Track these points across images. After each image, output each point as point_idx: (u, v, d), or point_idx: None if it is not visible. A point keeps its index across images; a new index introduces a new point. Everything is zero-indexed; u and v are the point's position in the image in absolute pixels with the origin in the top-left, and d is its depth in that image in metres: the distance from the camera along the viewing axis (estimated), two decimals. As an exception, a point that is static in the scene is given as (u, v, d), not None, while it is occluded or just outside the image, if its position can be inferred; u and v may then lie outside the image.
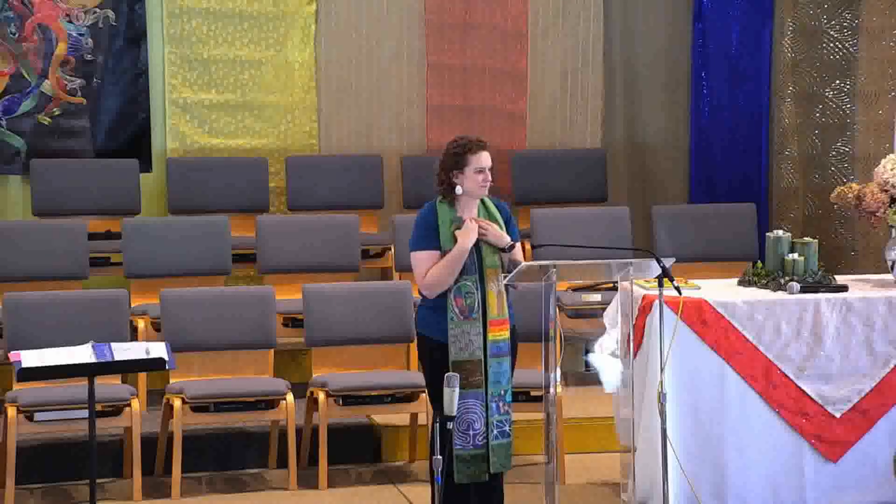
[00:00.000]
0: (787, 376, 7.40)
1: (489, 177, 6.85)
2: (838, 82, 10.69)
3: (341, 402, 8.10)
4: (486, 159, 6.84)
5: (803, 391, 7.42)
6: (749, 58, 11.04)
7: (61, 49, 10.13)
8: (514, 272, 6.74)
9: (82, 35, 10.16)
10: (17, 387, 7.80)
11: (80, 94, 10.19)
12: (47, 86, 10.13)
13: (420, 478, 8.16)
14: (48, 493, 8.02)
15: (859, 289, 7.65)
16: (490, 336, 6.79)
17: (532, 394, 7.89)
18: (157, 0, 10.33)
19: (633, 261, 6.97)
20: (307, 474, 8.17)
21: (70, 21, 10.14)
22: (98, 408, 6.92)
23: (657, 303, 6.96)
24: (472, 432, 6.79)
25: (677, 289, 6.98)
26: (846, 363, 7.46)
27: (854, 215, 8.05)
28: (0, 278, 9.03)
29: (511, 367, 6.92)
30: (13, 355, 6.63)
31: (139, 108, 10.30)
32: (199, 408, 7.98)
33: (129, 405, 7.84)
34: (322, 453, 8.09)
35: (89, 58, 10.19)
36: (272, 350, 8.46)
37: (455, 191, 6.82)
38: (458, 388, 6.03)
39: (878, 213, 7.74)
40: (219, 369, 8.31)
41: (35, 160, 9.98)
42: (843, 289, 7.54)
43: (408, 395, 8.14)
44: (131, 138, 10.31)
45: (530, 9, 10.92)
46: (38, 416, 7.74)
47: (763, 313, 7.38)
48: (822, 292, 7.48)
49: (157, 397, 8.40)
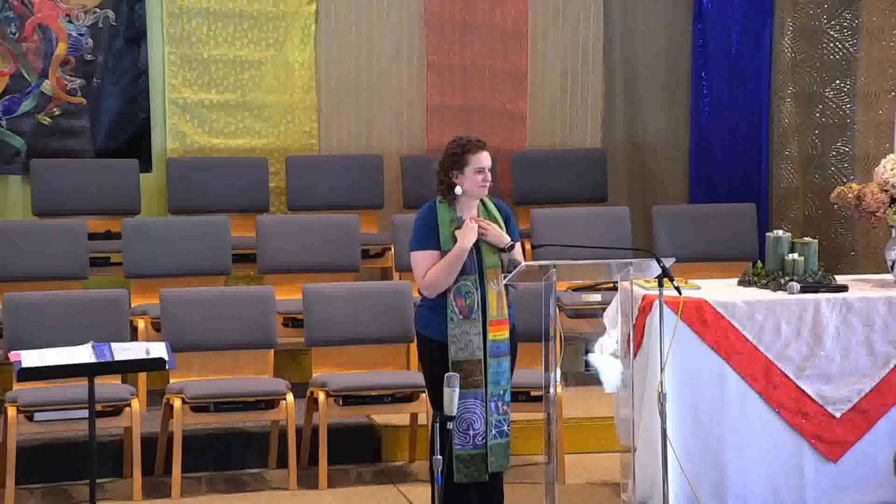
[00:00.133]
0: (787, 376, 7.40)
1: (489, 177, 6.85)
2: (838, 82, 10.68)
3: (341, 402, 8.09)
4: (485, 159, 6.83)
5: (803, 391, 7.41)
6: (749, 58, 11.04)
7: (61, 49, 10.13)
8: (513, 272, 6.73)
9: (82, 35, 10.16)
10: (17, 387, 7.79)
11: (80, 94, 10.19)
12: (47, 86, 10.13)
13: (420, 478, 8.16)
14: (48, 493, 8.02)
15: (859, 289, 7.65)
16: (490, 336, 6.79)
17: (532, 394, 7.89)
18: (157, 0, 10.33)
19: (633, 261, 6.96)
20: (307, 474, 8.17)
21: (70, 21, 10.14)
22: (98, 408, 6.92)
23: (657, 303, 6.96)
24: (471, 432, 6.78)
25: (677, 289, 6.98)
26: (846, 363, 7.46)
27: (854, 215, 8.04)
28: (0, 278, 9.03)
29: (511, 367, 6.92)
30: (13, 355, 6.62)
31: (139, 108, 10.30)
32: (199, 408, 7.98)
33: (129, 405, 7.83)
34: (322, 453, 8.09)
35: (89, 58, 10.19)
36: (272, 350, 8.46)
37: (455, 191, 6.82)
38: (458, 388, 6.04)
39: (878, 213, 7.73)
40: (219, 369, 8.31)
41: (35, 160, 9.98)
42: (843, 289, 7.54)
43: (408, 395, 8.14)
44: (131, 138, 10.31)
45: (530, 9, 10.92)
46: (38, 416, 7.74)
47: (763, 313, 7.38)
48: (822, 292, 7.48)
49: (157, 397, 8.40)
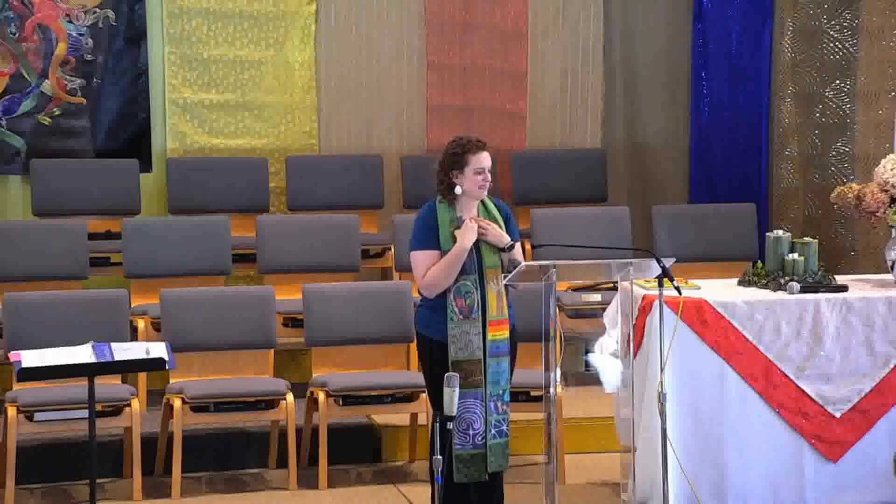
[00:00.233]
0: (787, 376, 7.40)
1: (488, 177, 6.84)
2: (838, 82, 10.68)
3: (341, 402, 8.09)
4: (485, 160, 6.83)
5: (803, 391, 7.41)
6: (749, 58, 11.04)
7: (61, 49, 10.13)
8: (513, 272, 6.73)
9: (82, 35, 10.16)
10: (17, 387, 7.79)
11: (80, 94, 10.19)
12: (47, 86, 10.13)
13: (420, 478, 8.16)
14: (48, 493, 8.02)
15: (859, 289, 7.65)
16: (489, 336, 6.79)
17: (532, 394, 7.89)
18: (157, 0, 10.33)
19: (633, 261, 6.96)
20: (307, 474, 8.17)
21: (70, 21, 10.14)
22: (98, 408, 6.92)
23: (657, 303, 6.96)
24: (471, 432, 6.78)
25: (677, 289, 6.98)
26: (846, 363, 7.45)
27: (854, 215, 8.04)
28: (0, 278, 9.03)
29: (511, 367, 6.92)
30: (13, 355, 6.62)
31: (139, 108, 10.30)
32: (199, 408, 7.98)
33: (129, 405, 7.83)
34: (322, 453, 8.08)
35: (89, 58, 10.19)
36: (272, 350, 8.46)
37: (454, 191, 6.82)
38: (458, 388, 6.04)
39: (878, 213, 7.73)
40: (219, 369, 8.31)
41: (35, 160, 9.98)
42: (843, 289, 7.54)
43: (408, 395, 8.14)
44: (131, 138, 10.30)
45: (530, 9, 10.91)
46: (38, 416, 7.74)
47: (763, 313, 7.38)
48: (822, 292, 7.48)
49: (157, 397, 8.40)
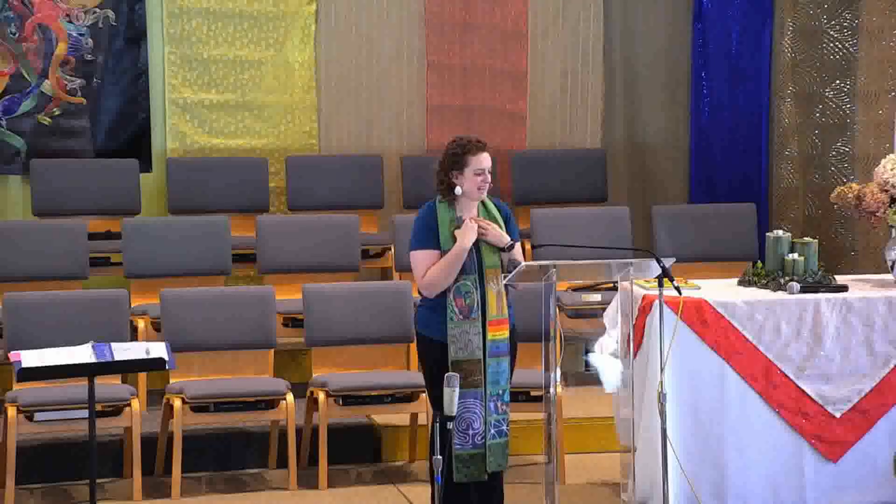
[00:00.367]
0: (787, 376, 7.40)
1: (488, 178, 6.83)
2: (838, 82, 10.68)
3: (341, 402, 8.09)
4: (485, 160, 6.82)
5: (803, 391, 7.41)
6: (749, 58, 11.04)
7: (61, 49, 10.13)
8: (513, 272, 6.73)
9: (82, 35, 10.16)
10: (17, 387, 7.79)
11: (80, 94, 10.19)
12: (47, 86, 10.13)
13: (420, 478, 8.16)
14: (48, 493, 8.02)
15: (859, 289, 7.65)
16: (489, 336, 6.78)
17: (532, 394, 7.89)
18: (157, 0, 10.33)
19: (633, 261, 6.96)
20: (307, 474, 8.17)
21: (70, 21, 10.14)
22: (98, 408, 6.92)
23: (657, 303, 6.96)
24: (471, 432, 6.78)
25: (677, 289, 6.98)
26: (846, 363, 7.45)
27: (854, 215, 8.04)
28: (0, 278, 9.03)
29: (511, 367, 6.92)
30: (13, 355, 6.62)
31: (139, 108, 10.30)
32: (199, 408, 7.98)
33: (129, 405, 7.83)
34: (322, 453, 8.08)
35: (89, 58, 10.19)
36: (272, 350, 8.46)
37: (454, 191, 6.81)
38: (458, 388, 6.04)
39: (878, 213, 7.73)
40: (219, 369, 8.31)
41: (35, 160, 9.98)
42: (843, 289, 7.54)
43: (408, 395, 8.14)
44: (131, 138, 10.30)
45: (530, 9, 10.92)
46: (38, 416, 7.74)
47: (763, 313, 7.38)
48: (822, 292, 7.48)
49: (157, 397, 8.40)
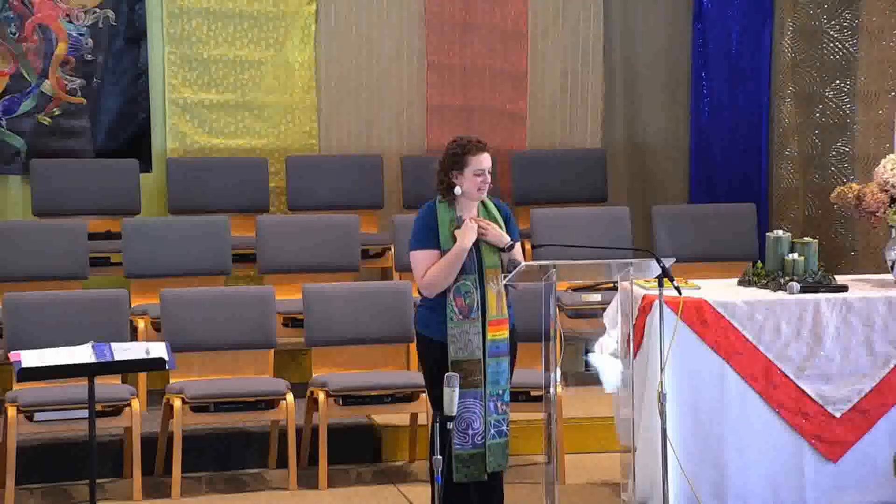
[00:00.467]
0: (787, 376, 7.40)
1: (488, 179, 6.82)
2: (838, 82, 10.68)
3: (341, 402, 8.09)
4: (485, 161, 6.81)
5: (803, 391, 7.41)
6: (749, 58, 11.04)
7: (61, 49, 10.13)
8: (513, 272, 6.72)
9: (82, 35, 10.16)
10: (17, 387, 7.79)
11: (80, 94, 10.19)
12: (47, 86, 10.13)
13: (420, 478, 8.16)
14: (48, 493, 8.02)
15: (859, 289, 7.65)
16: (489, 336, 6.78)
17: (532, 394, 7.89)
18: (157, 0, 10.33)
19: (633, 261, 6.96)
20: (307, 474, 8.17)
21: (70, 21, 10.14)
22: (98, 408, 6.92)
23: (657, 303, 6.96)
24: (470, 432, 6.78)
25: (677, 289, 6.98)
26: (846, 363, 7.45)
27: (854, 215, 8.04)
28: (0, 278, 9.03)
29: (510, 367, 6.92)
30: (13, 355, 6.62)
31: (139, 108, 10.30)
32: (199, 408, 7.98)
33: (129, 405, 7.83)
34: (322, 453, 8.08)
35: (89, 58, 10.19)
36: (272, 350, 8.46)
37: (454, 191, 6.81)
38: (458, 388, 6.03)
39: (878, 213, 7.73)
40: (219, 369, 8.31)
41: (35, 160, 9.98)
42: (843, 289, 7.54)
43: (408, 395, 8.14)
44: (131, 138, 10.30)
45: (530, 9, 10.91)
46: (38, 416, 7.74)
47: (763, 313, 7.38)
48: (822, 292, 7.48)
49: (157, 397, 8.40)
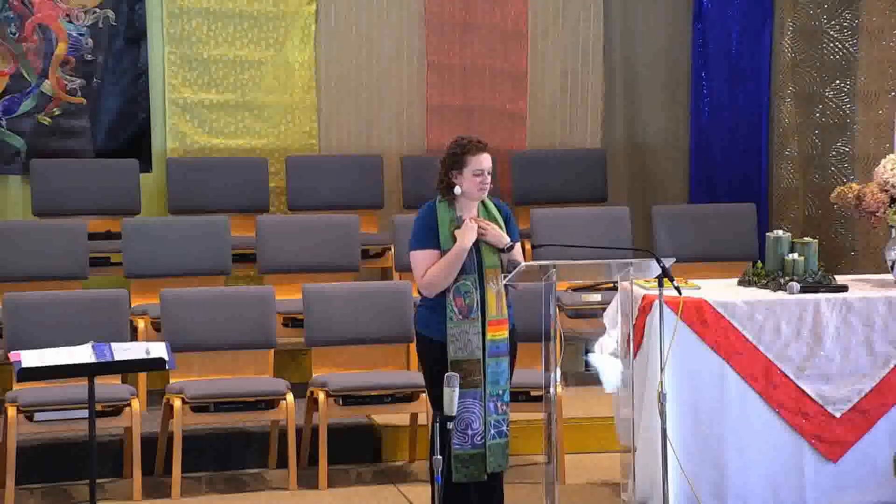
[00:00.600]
0: (787, 376, 7.40)
1: (487, 180, 6.81)
2: (838, 82, 10.68)
3: (341, 402, 8.09)
4: (485, 161, 6.80)
5: (803, 391, 7.41)
6: (749, 58, 11.04)
7: (61, 49, 10.13)
8: (513, 272, 6.73)
9: (82, 35, 10.16)
10: (17, 387, 7.79)
11: (80, 94, 10.19)
12: (47, 86, 10.13)
13: (420, 478, 8.16)
14: (48, 493, 8.02)
15: (859, 289, 7.65)
16: (489, 336, 6.78)
17: (532, 394, 7.89)
18: (157, 0, 10.33)
19: (633, 261, 6.96)
20: (307, 474, 8.17)
21: (70, 21, 10.14)
22: (98, 408, 6.92)
23: (657, 303, 6.96)
24: (470, 432, 6.78)
25: (677, 289, 6.98)
26: (846, 363, 7.45)
27: (854, 215, 8.04)
28: (0, 278, 9.03)
29: (510, 368, 6.92)
30: (13, 355, 6.62)
31: (139, 108, 10.30)
32: (199, 408, 7.98)
33: (129, 405, 7.83)
34: (322, 453, 8.08)
35: (89, 58, 10.19)
36: (272, 350, 8.46)
37: (454, 191, 6.81)
38: (458, 388, 6.03)
39: (878, 213, 7.73)
40: (219, 369, 8.31)
41: (35, 160, 9.98)
42: (843, 289, 7.54)
43: (408, 395, 8.14)
44: (131, 138, 10.30)
45: (530, 9, 10.91)
46: (38, 416, 7.74)
47: (763, 313, 7.38)
48: (822, 292, 7.48)
49: (157, 397, 8.40)
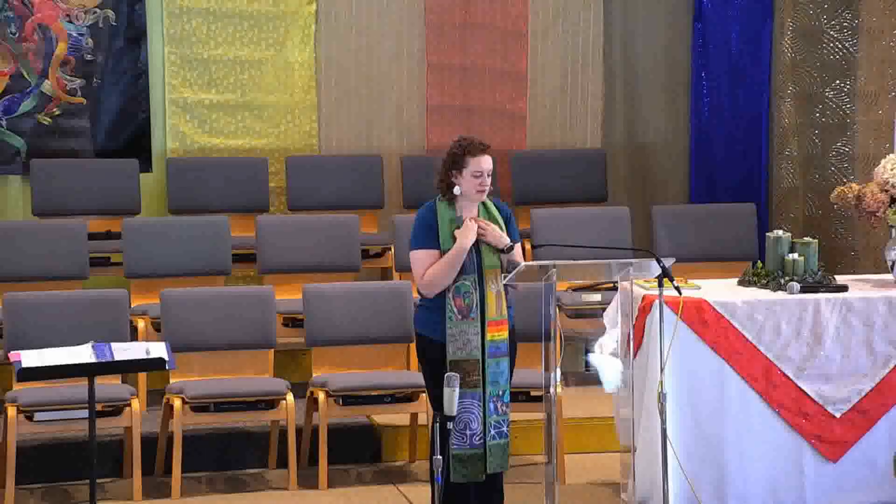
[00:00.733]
0: (787, 376, 7.40)
1: (487, 181, 6.80)
2: (838, 82, 10.68)
3: (341, 402, 8.09)
4: (485, 163, 6.79)
5: (803, 391, 7.41)
6: (749, 58, 11.04)
7: (61, 49, 10.13)
8: (512, 272, 6.73)
9: (82, 35, 10.16)
10: (17, 387, 7.79)
11: (80, 94, 10.19)
12: (47, 86, 10.13)
13: (420, 478, 8.16)
14: (48, 493, 8.02)
15: (859, 289, 7.65)
16: (489, 336, 6.78)
17: (532, 394, 7.89)
18: (157, 0, 10.33)
19: (633, 261, 6.96)
20: (307, 474, 8.17)
21: (70, 21, 10.14)
22: (98, 408, 6.92)
23: (657, 303, 6.96)
24: (468, 432, 6.78)
25: (677, 289, 6.98)
26: (846, 363, 7.46)
27: (854, 215, 8.05)
28: (0, 278, 9.03)
29: (510, 368, 6.92)
30: (13, 355, 6.62)
31: (139, 108, 10.30)
32: (199, 408, 7.98)
33: (129, 405, 7.83)
34: (322, 453, 8.09)
35: (89, 58, 10.19)
36: (272, 350, 8.46)
37: (454, 191, 6.81)
38: (458, 388, 6.03)
39: (878, 213, 7.73)
40: (219, 369, 8.31)
41: (35, 160, 9.98)
42: (843, 289, 7.54)
43: (408, 395, 8.14)
44: (131, 138, 10.30)
45: (530, 9, 10.91)
46: (38, 416, 7.74)
47: (763, 313, 7.38)
48: (822, 292, 7.48)
49: (157, 397, 8.40)
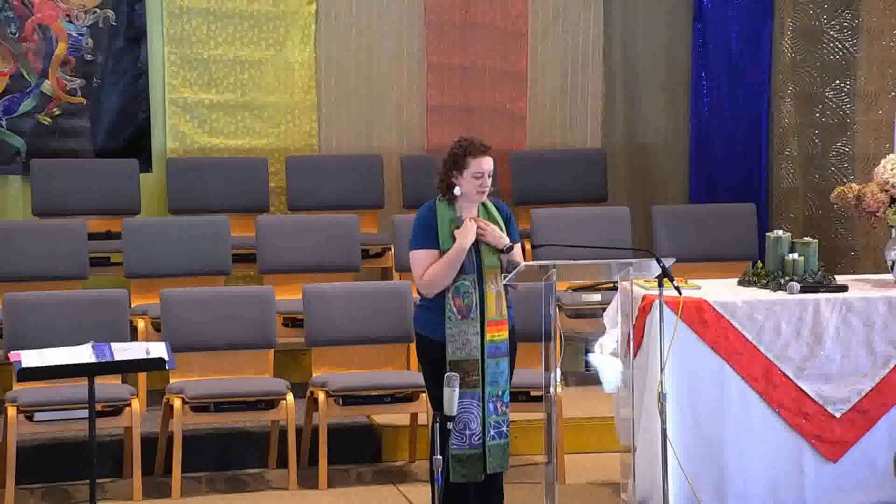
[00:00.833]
0: (787, 376, 7.40)
1: (487, 182, 6.79)
2: (838, 82, 10.68)
3: (341, 402, 8.09)
4: (486, 164, 6.79)
5: (803, 391, 7.41)
6: (749, 58, 11.04)
7: (61, 49, 10.13)
8: (512, 272, 6.72)
9: (82, 35, 10.16)
10: (17, 387, 7.79)
11: (80, 94, 10.19)
12: (47, 86, 10.13)
13: (420, 478, 8.16)
14: (48, 493, 8.02)
15: (859, 289, 7.65)
16: (488, 336, 6.78)
17: (532, 394, 7.89)
18: (157, 0, 10.33)
19: (633, 261, 6.96)
20: (307, 474, 8.17)
21: (70, 21, 10.14)
22: (98, 408, 6.92)
23: (657, 303, 6.96)
24: (468, 432, 6.78)
25: (677, 289, 6.98)
26: (846, 363, 7.46)
27: (854, 215, 8.05)
28: (0, 278, 9.03)
29: (510, 368, 6.91)
30: (13, 355, 6.62)
31: (139, 108, 10.30)
32: (199, 408, 7.98)
33: (129, 405, 7.83)
34: (322, 453, 8.09)
35: (89, 58, 10.19)
36: (272, 350, 8.46)
37: (454, 191, 6.81)
38: (458, 388, 6.03)
39: (878, 213, 7.73)
40: (219, 369, 8.31)
41: (35, 160, 9.98)
42: (843, 289, 7.54)
43: (408, 395, 8.14)
44: (131, 138, 10.30)
45: (530, 9, 10.91)
46: (38, 416, 7.74)
47: (763, 313, 7.38)
48: (822, 292, 7.48)
49: (157, 397, 8.40)
